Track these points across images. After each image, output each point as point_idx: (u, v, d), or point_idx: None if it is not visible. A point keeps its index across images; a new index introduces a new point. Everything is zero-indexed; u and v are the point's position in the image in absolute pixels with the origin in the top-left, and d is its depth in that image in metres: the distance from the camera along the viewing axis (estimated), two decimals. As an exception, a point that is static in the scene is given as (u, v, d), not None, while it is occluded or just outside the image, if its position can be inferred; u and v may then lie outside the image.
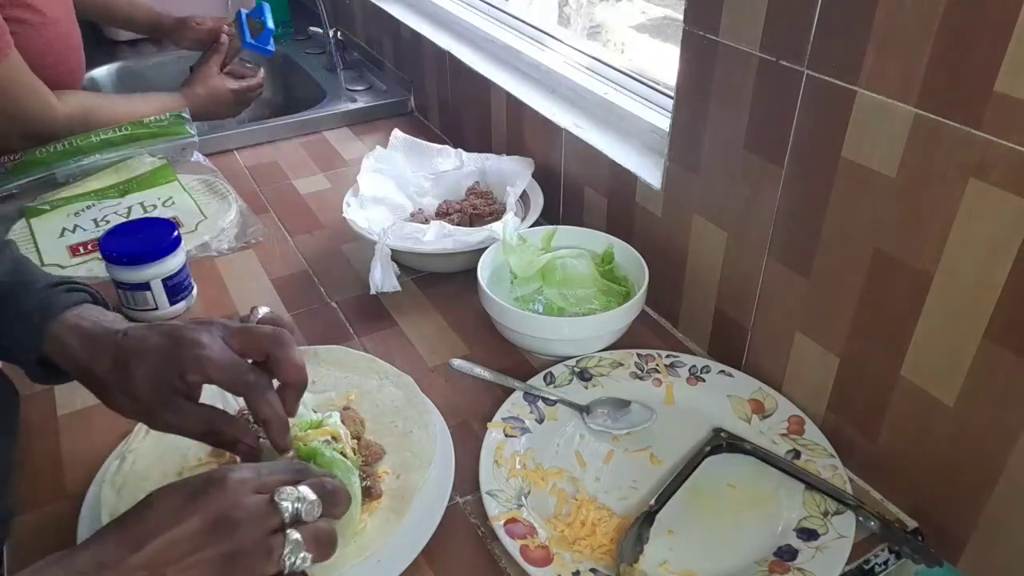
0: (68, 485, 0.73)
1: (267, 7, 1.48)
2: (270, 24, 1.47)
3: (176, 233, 0.93)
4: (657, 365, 0.84)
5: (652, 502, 0.68)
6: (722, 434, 0.76)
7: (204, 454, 0.74)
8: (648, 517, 0.67)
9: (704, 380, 0.83)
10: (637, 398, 0.80)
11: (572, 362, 0.84)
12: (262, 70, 1.49)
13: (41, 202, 1.15)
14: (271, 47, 1.48)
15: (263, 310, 0.63)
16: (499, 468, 0.72)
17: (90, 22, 1.81)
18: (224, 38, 1.45)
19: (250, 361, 0.59)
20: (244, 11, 1.49)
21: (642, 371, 0.84)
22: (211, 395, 0.62)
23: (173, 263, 0.92)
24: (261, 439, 0.62)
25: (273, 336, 0.59)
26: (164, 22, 1.51)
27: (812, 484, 0.70)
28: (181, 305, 0.95)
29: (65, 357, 0.61)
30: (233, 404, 0.78)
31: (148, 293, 0.92)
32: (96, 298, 0.66)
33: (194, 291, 0.97)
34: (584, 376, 0.83)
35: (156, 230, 0.94)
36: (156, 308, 0.93)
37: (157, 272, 0.91)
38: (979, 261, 0.58)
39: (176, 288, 0.94)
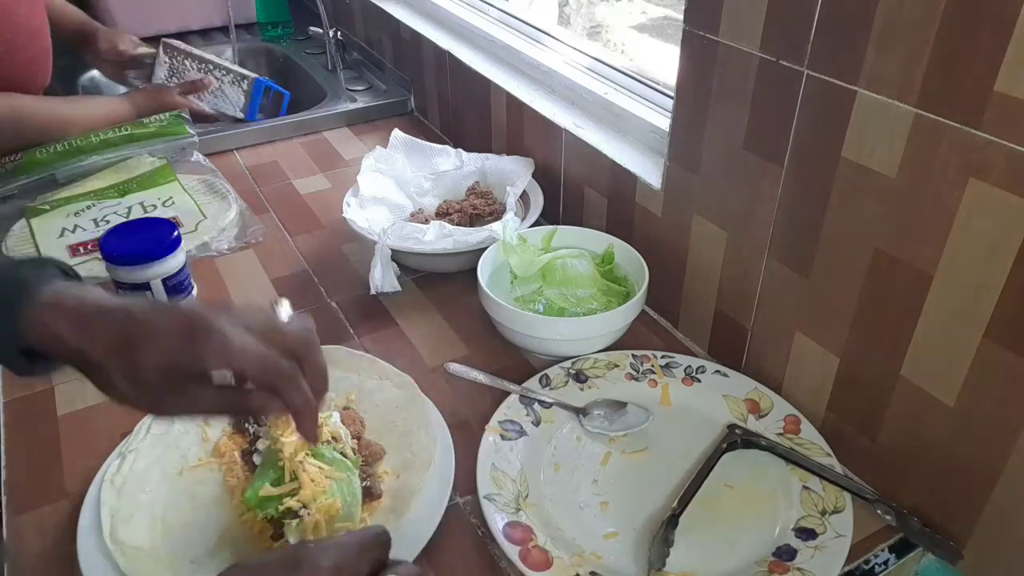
0: (68, 485, 0.73)
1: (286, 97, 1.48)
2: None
3: (176, 233, 0.93)
4: (652, 366, 0.84)
5: (674, 504, 0.68)
6: (737, 431, 0.76)
7: (204, 454, 0.74)
8: (672, 520, 0.67)
9: (700, 380, 0.83)
10: (633, 399, 0.80)
11: (568, 364, 0.84)
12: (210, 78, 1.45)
13: (41, 202, 1.15)
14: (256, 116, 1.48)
15: (286, 306, 0.58)
16: (496, 472, 0.72)
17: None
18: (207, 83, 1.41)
19: None
20: (265, 82, 1.47)
21: (637, 372, 0.84)
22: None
23: (173, 263, 0.92)
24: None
25: (303, 338, 0.55)
26: (86, 30, 1.39)
27: (828, 478, 0.70)
28: None
29: (51, 341, 0.53)
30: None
31: (148, 293, 0.92)
32: (67, 272, 0.59)
33: (194, 291, 0.97)
34: (580, 378, 0.83)
35: (156, 230, 0.93)
36: None
37: (157, 272, 0.91)
38: (979, 261, 0.58)
39: (176, 288, 0.94)
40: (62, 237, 1.08)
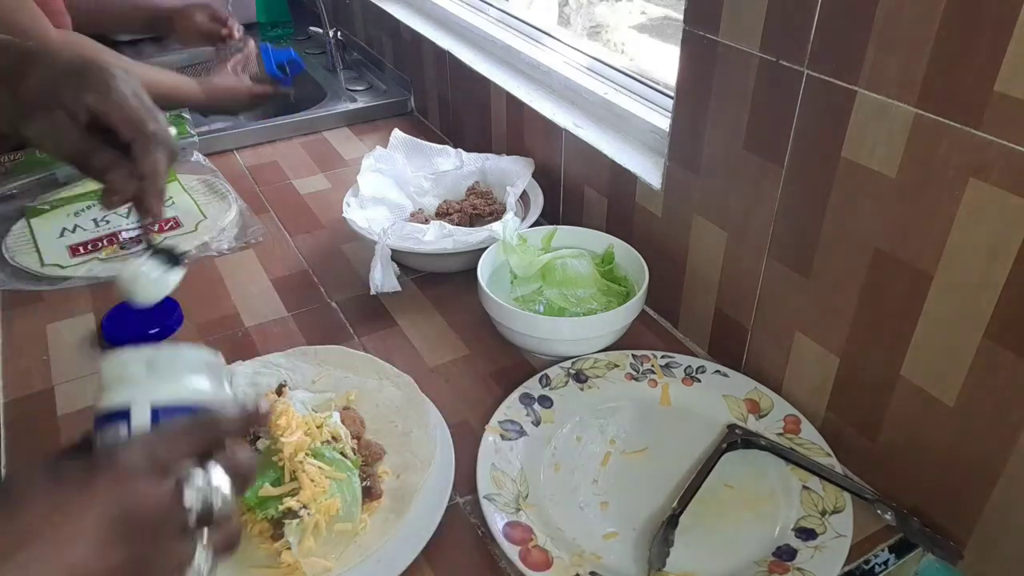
0: (68, 485, 0.72)
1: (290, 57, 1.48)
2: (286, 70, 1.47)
3: (178, 312, 0.93)
4: (652, 366, 0.84)
5: (675, 504, 0.68)
6: (737, 431, 0.76)
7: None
8: (672, 520, 0.67)
9: (700, 380, 0.83)
10: (632, 399, 0.80)
11: (568, 364, 0.84)
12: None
13: (41, 202, 1.16)
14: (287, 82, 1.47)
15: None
16: (496, 472, 0.72)
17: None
18: (246, 43, 1.40)
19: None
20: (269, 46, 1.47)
21: (637, 372, 0.84)
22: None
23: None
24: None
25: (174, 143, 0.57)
26: (160, 15, 1.42)
27: (828, 478, 0.70)
28: None
29: None
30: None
31: None
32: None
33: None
34: (580, 378, 0.83)
35: (157, 310, 0.93)
36: None
37: None
38: (979, 261, 0.58)
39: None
40: (62, 237, 1.08)
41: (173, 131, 0.59)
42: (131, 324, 0.91)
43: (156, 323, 0.91)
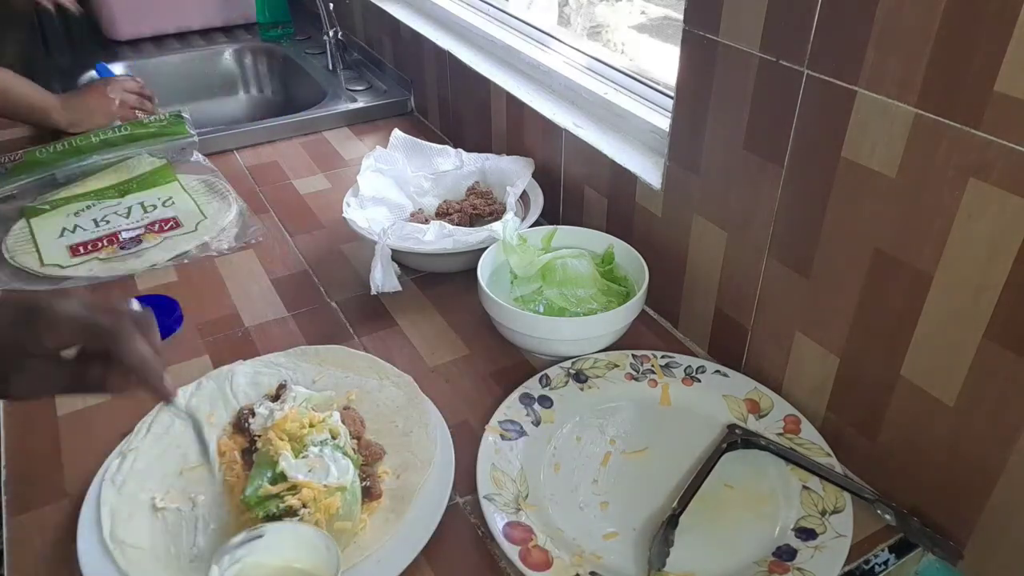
0: (68, 485, 0.72)
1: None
2: None
3: (178, 313, 0.93)
4: (652, 366, 0.84)
5: (675, 504, 0.68)
6: (737, 431, 0.76)
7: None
8: (672, 520, 0.67)
9: (700, 380, 0.83)
10: (632, 399, 0.81)
11: (568, 364, 0.84)
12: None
13: (41, 202, 1.15)
14: None
15: (135, 303, 0.59)
16: (496, 472, 0.72)
17: (90, 21, 1.82)
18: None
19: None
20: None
21: (637, 372, 0.84)
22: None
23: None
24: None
25: (137, 313, 0.57)
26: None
27: (828, 478, 0.70)
28: None
29: None
30: (234, 404, 0.79)
31: None
32: None
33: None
34: (580, 378, 0.83)
35: (157, 310, 0.93)
36: None
37: None
38: (979, 261, 0.58)
39: None
40: (62, 237, 1.08)
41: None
42: None
43: (156, 323, 0.91)
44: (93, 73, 1.62)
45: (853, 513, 0.67)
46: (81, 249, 1.06)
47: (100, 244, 1.07)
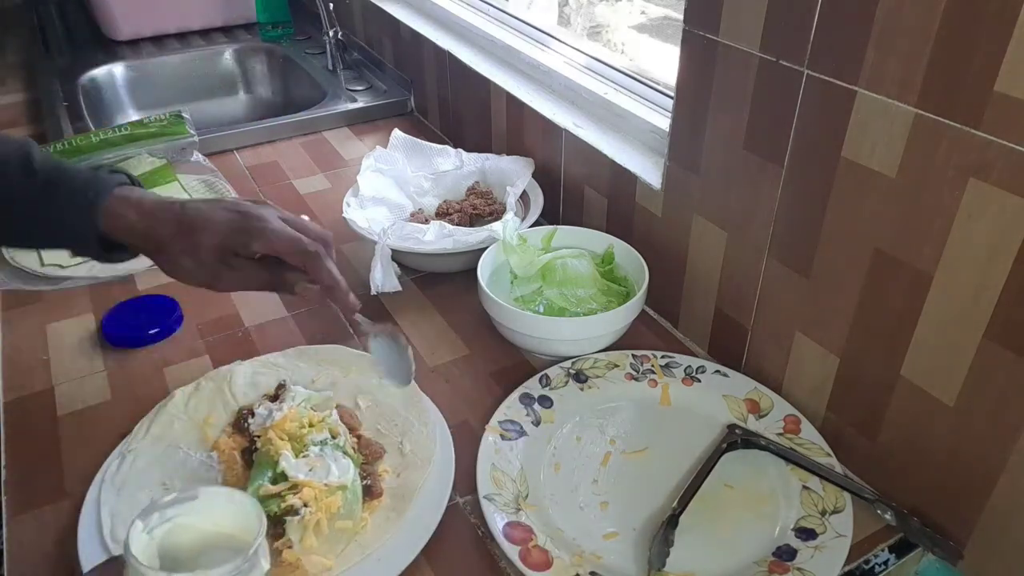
0: (68, 485, 0.72)
1: None
2: None
3: (177, 312, 0.93)
4: (652, 366, 0.84)
5: (675, 504, 0.68)
6: (737, 431, 0.76)
7: (204, 455, 0.74)
8: (672, 520, 0.67)
9: (700, 380, 0.83)
10: (632, 399, 0.81)
11: (568, 364, 0.84)
12: None
13: (41, 202, 1.15)
14: None
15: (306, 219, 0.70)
16: (496, 472, 0.72)
17: (90, 19, 1.82)
18: None
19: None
20: None
21: (637, 372, 0.84)
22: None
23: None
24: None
25: (324, 233, 0.69)
26: None
27: (828, 478, 0.70)
28: None
29: (123, 229, 0.66)
30: (233, 405, 0.79)
31: None
32: (133, 180, 0.72)
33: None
34: (580, 378, 0.83)
35: (158, 310, 0.93)
36: None
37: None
38: (979, 261, 0.58)
39: None
40: (62, 237, 1.08)
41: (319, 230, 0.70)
42: (131, 324, 0.91)
43: (156, 323, 0.91)
44: (93, 74, 1.62)
45: (853, 513, 0.67)
46: (81, 249, 1.06)
47: (100, 244, 1.07)
